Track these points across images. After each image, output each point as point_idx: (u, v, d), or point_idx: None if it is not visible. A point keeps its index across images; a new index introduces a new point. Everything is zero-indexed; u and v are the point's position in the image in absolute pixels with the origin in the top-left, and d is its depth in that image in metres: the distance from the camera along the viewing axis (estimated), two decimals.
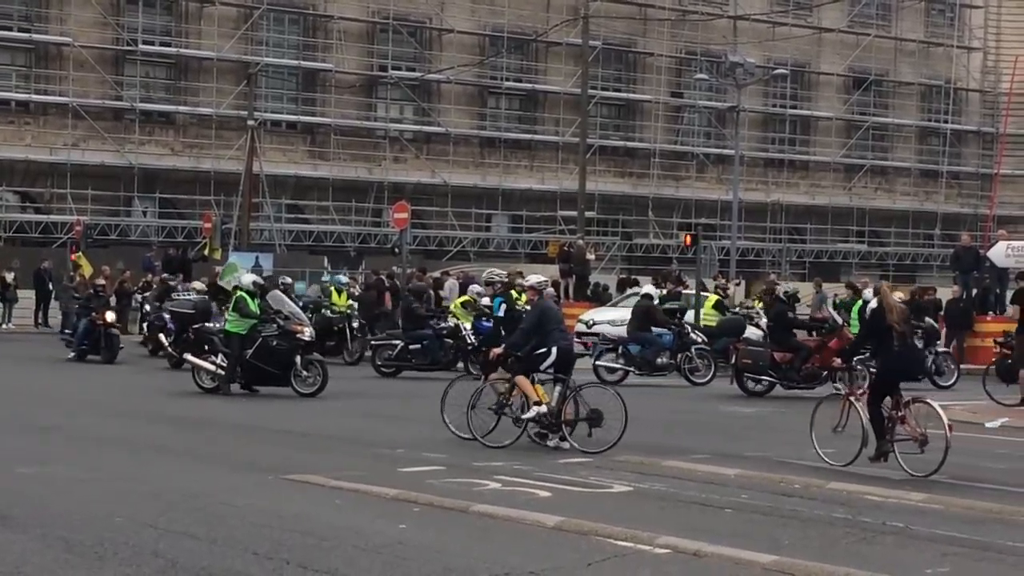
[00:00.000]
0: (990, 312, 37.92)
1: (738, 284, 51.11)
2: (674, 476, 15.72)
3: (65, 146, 52.01)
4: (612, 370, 30.29)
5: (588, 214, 55.62)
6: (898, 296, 18.59)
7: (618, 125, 63.87)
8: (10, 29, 52.07)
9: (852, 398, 16.90)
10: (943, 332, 35.62)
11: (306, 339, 25.35)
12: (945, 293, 39.76)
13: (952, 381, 31.13)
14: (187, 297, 35.76)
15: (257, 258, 49.06)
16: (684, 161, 64.21)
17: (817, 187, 67.76)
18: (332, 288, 35.77)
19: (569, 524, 12.31)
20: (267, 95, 56.71)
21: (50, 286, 43.92)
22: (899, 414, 16.35)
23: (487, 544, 11.60)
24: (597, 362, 30.21)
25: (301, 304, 30.64)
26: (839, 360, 19.17)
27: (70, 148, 52.02)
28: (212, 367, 25.32)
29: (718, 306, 37.53)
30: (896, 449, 16.34)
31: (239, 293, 25.74)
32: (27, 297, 43.83)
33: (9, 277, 42.58)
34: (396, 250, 47.00)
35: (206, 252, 49.30)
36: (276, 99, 57.44)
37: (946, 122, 70.48)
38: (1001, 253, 37.35)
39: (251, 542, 11.32)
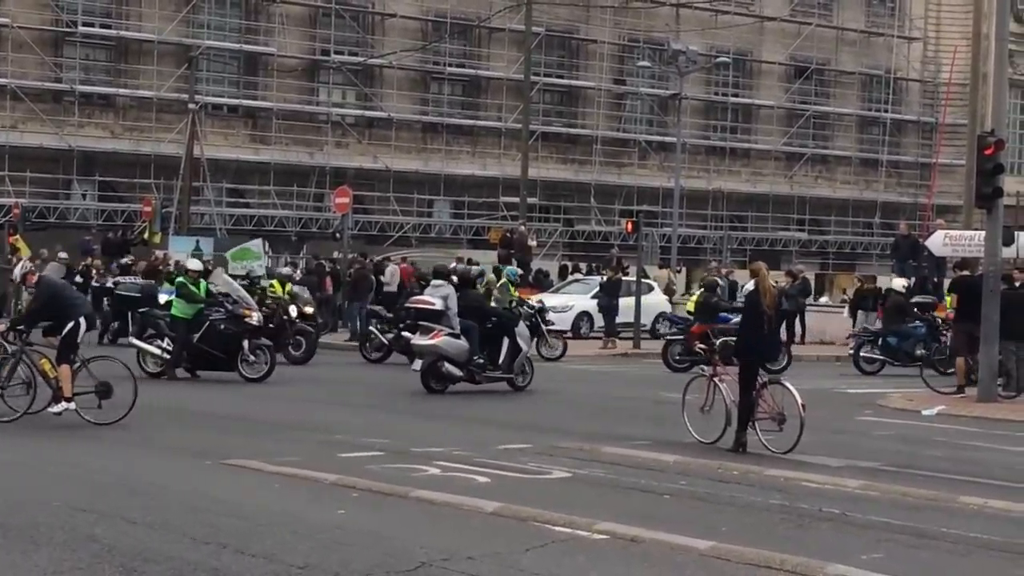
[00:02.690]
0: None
1: (679, 271, 51.37)
2: (613, 462, 15.78)
3: (3, 128, 51.48)
4: (871, 360, 31.68)
5: (530, 200, 55.56)
6: (776, 281, 19.15)
7: (561, 112, 63.85)
8: None
9: (716, 379, 17.65)
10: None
11: (254, 323, 25.26)
12: (885, 282, 40.03)
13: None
14: (133, 281, 35.68)
15: (198, 242, 48.81)
16: (626, 148, 64.26)
17: (758, 175, 68.00)
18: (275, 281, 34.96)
19: (508, 510, 12.33)
20: (208, 78, 56.32)
21: None
22: (757, 394, 17.06)
23: (426, 529, 11.60)
24: (860, 353, 31.82)
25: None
26: (703, 344, 19.97)
27: (8, 130, 51.51)
28: (158, 351, 25.14)
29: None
30: (757, 428, 17.01)
31: (178, 279, 25.65)
32: None
33: None
34: (337, 235, 46.81)
35: (145, 236, 48.99)
36: (217, 83, 57.06)
37: (886, 111, 70.85)
38: (939, 242, 37.62)
39: (188, 527, 11.27)
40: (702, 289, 32.49)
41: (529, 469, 15.04)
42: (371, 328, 32.17)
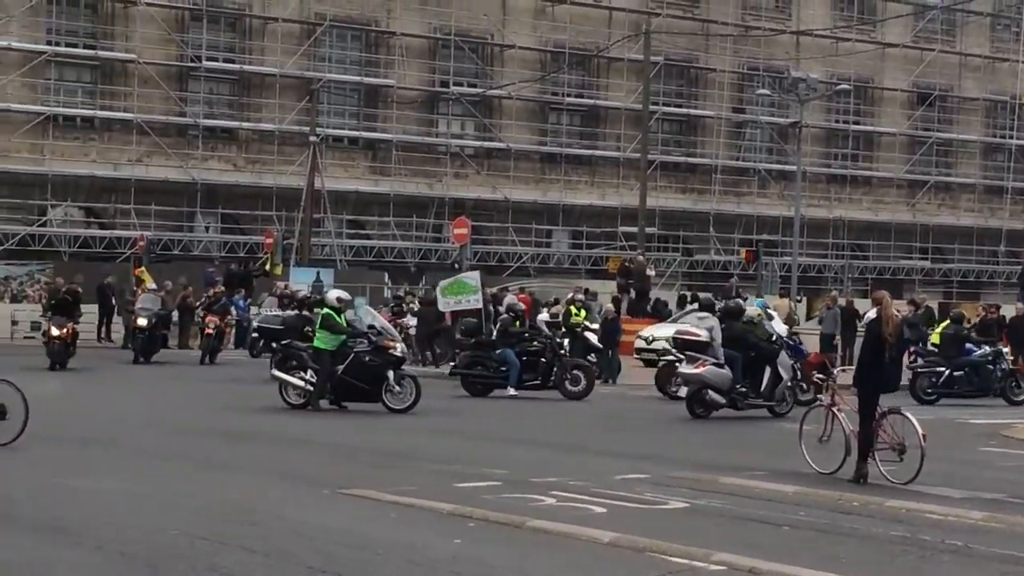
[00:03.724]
0: None
1: (799, 301, 50.93)
2: (731, 493, 15.63)
3: (129, 162, 52.36)
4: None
5: (648, 230, 55.48)
6: (897, 310, 18.86)
7: (679, 141, 63.70)
8: (76, 46, 52.50)
9: (834, 409, 17.46)
10: (1007, 350, 35.28)
11: (398, 355, 25.34)
12: (1009, 310, 39.46)
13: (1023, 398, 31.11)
14: (275, 313, 36.27)
15: (318, 273, 49.32)
16: (746, 177, 63.94)
17: (880, 203, 67.32)
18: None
19: (624, 540, 12.25)
20: (329, 111, 56.92)
21: (113, 301, 44.27)
22: (877, 424, 16.85)
23: (541, 560, 11.56)
24: None
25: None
26: (820, 374, 19.79)
27: (134, 164, 52.38)
28: (301, 383, 25.18)
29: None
30: (877, 458, 16.80)
31: (325, 310, 25.58)
32: (90, 312, 44.13)
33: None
34: (456, 266, 47.05)
35: (267, 267, 49.53)
36: (338, 115, 57.64)
37: (1011, 137, 69.89)
38: None
39: (305, 556, 11.34)
40: (948, 321, 32.29)
41: (646, 499, 14.94)
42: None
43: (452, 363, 37.72)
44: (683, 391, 26.84)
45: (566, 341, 31.83)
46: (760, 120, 64.08)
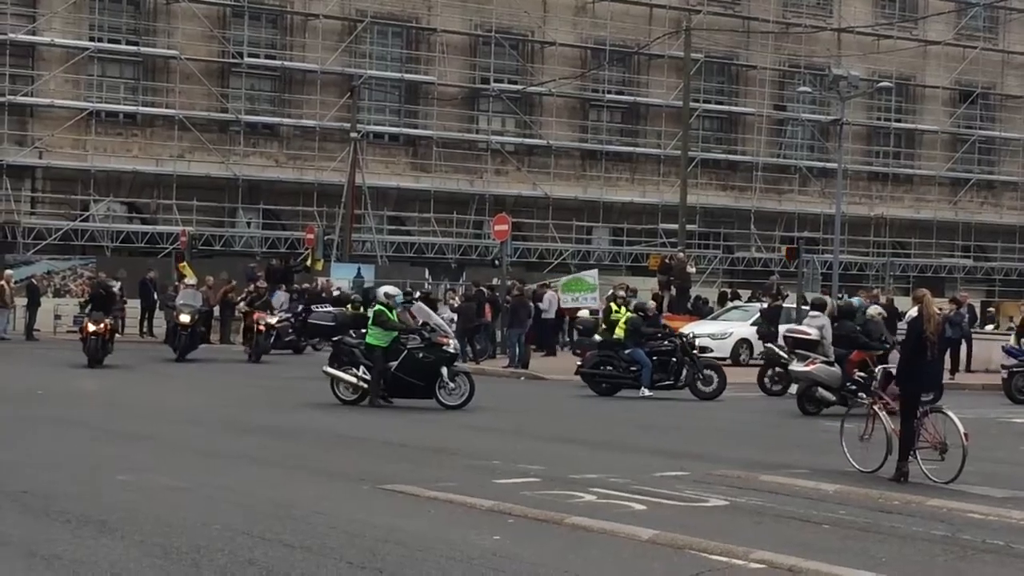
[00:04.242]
0: None
1: (840, 299, 50.62)
2: (771, 491, 15.61)
3: (171, 158, 52.61)
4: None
5: (689, 227, 55.42)
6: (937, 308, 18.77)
7: (720, 138, 63.58)
8: (118, 42, 52.74)
9: (876, 407, 17.46)
10: None
11: (452, 351, 25.33)
12: None
13: None
14: (327, 310, 36.36)
15: (359, 269, 49.50)
16: (787, 174, 63.77)
17: (922, 201, 67.03)
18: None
19: (663, 537, 12.25)
20: (370, 107, 57.03)
21: (155, 296, 44.51)
22: (918, 423, 16.79)
23: (581, 556, 11.57)
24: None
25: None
26: (861, 372, 19.75)
27: (176, 160, 52.63)
28: (354, 379, 25.20)
29: None
30: (919, 457, 16.75)
31: (377, 306, 25.49)
32: (132, 307, 44.44)
33: (115, 287, 43.03)
34: (497, 262, 47.09)
35: (308, 263, 49.70)
36: (379, 111, 57.75)
37: None
38: None
39: (344, 551, 11.38)
40: None
41: (686, 496, 14.93)
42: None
43: (489, 357, 37.87)
44: (793, 388, 27.66)
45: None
46: (801, 117, 63.90)
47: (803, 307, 40.06)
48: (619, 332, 30.54)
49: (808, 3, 64.56)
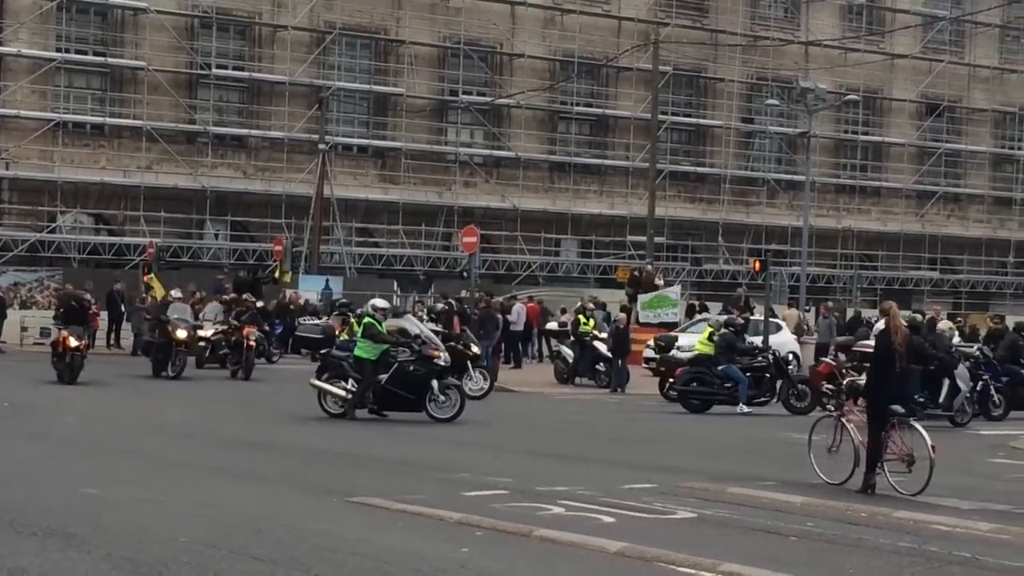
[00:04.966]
0: None
1: (807, 311, 50.87)
2: (739, 503, 15.64)
3: (139, 169, 52.44)
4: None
5: (657, 239, 55.53)
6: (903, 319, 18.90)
7: (688, 151, 63.70)
8: (86, 53, 52.54)
9: (843, 419, 17.53)
10: None
11: (442, 364, 25.23)
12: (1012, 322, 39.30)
13: None
14: (314, 322, 35.98)
15: (327, 281, 49.42)
16: (754, 187, 63.92)
17: (889, 214, 67.29)
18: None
19: (632, 550, 12.26)
20: (338, 119, 56.94)
21: (122, 308, 44.29)
22: (886, 435, 16.88)
23: (549, 569, 11.57)
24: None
25: None
26: (829, 384, 19.93)
27: (143, 171, 52.44)
28: (342, 392, 24.97)
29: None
30: (886, 469, 16.82)
31: (367, 319, 25.27)
32: (100, 319, 44.15)
33: (89, 299, 42.44)
34: (465, 274, 47.06)
35: (276, 275, 49.59)
36: (347, 123, 57.66)
37: (1020, 149, 69.87)
38: None
39: (313, 564, 11.35)
40: None
41: (654, 509, 14.95)
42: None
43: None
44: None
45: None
46: (769, 130, 64.09)
47: (772, 319, 40.24)
48: (704, 348, 30.56)
49: (776, 16, 64.84)
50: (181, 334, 33.48)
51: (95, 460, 18.31)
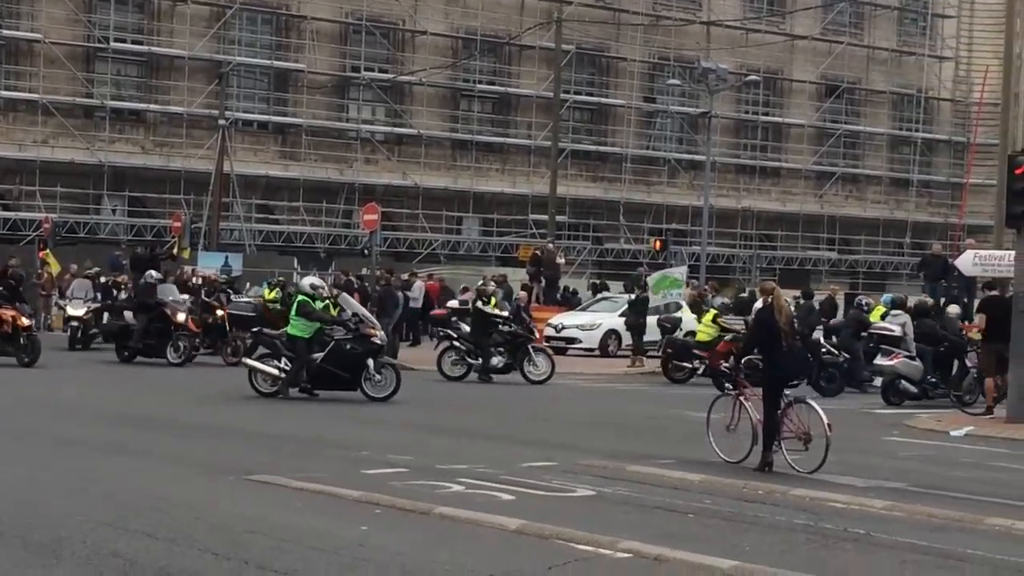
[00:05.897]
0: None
1: (710, 292, 51.15)
2: (638, 481, 15.70)
3: (34, 143, 51.76)
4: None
5: (559, 218, 55.66)
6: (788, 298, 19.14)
7: (590, 129, 63.87)
8: None
9: (742, 398, 17.59)
10: None
11: (379, 343, 24.98)
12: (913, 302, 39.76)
13: None
14: (246, 300, 35.38)
15: (227, 258, 49.01)
16: (656, 166, 64.23)
17: (788, 194, 67.87)
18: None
19: (531, 528, 12.27)
20: (239, 95, 56.53)
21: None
22: (781, 414, 17.04)
23: (448, 547, 11.56)
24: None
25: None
26: (726, 362, 20.15)
27: (39, 145, 51.78)
28: (275, 371, 24.57)
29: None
30: (783, 447, 16.98)
31: (301, 297, 24.95)
32: None
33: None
34: (366, 252, 46.85)
35: (175, 251, 49.12)
36: (248, 99, 57.26)
37: (917, 131, 70.71)
38: (968, 262, 37.32)
39: (210, 542, 11.26)
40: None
41: (553, 487, 14.97)
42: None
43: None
44: (877, 381, 29.11)
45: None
46: (670, 110, 64.41)
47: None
48: (706, 331, 31.47)
49: None
50: (181, 317, 31.23)
51: None
